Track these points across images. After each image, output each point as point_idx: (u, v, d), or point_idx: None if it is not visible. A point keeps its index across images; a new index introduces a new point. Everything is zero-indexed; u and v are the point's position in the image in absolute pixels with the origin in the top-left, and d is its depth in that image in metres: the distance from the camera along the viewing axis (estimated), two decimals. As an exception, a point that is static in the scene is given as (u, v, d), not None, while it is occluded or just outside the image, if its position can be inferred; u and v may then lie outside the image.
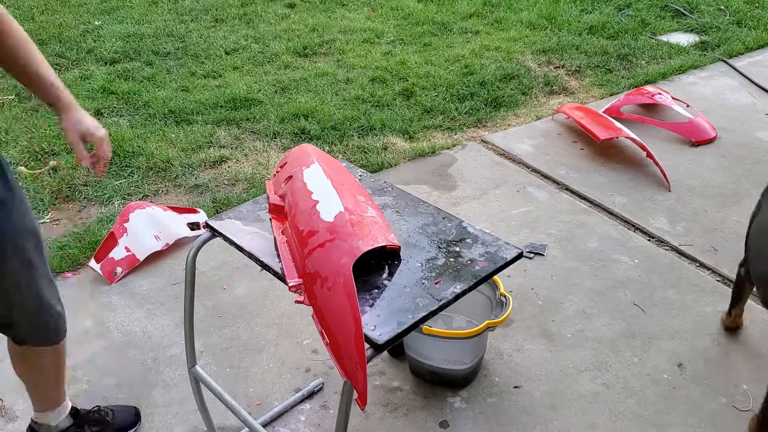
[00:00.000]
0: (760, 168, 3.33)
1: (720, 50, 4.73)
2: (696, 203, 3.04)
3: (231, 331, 2.31)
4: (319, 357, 2.20)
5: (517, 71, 4.26)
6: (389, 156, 3.35)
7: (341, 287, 1.23)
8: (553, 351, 2.23)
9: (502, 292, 2.05)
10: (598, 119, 3.52)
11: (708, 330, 2.32)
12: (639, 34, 4.93)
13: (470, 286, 1.34)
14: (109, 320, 2.34)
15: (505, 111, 3.87)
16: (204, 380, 1.77)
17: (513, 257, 1.42)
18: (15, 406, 2.02)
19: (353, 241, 1.30)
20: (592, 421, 1.98)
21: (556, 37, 4.83)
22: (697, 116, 3.68)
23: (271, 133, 3.53)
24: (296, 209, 1.42)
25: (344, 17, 5.20)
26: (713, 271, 2.61)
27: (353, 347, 1.17)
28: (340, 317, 1.21)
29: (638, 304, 2.44)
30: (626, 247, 2.74)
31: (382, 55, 4.51)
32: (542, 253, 2.69)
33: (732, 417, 2.00)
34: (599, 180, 3.21)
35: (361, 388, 1.17)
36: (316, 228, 1.35)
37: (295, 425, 1.97)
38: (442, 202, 3.02)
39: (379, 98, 3.89)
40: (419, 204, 1.60)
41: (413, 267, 1.38)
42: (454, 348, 2.01)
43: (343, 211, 1.37)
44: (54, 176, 3.09)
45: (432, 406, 2.03)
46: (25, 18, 4.91)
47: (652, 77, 4.27)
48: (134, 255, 2.56)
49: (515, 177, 3.24)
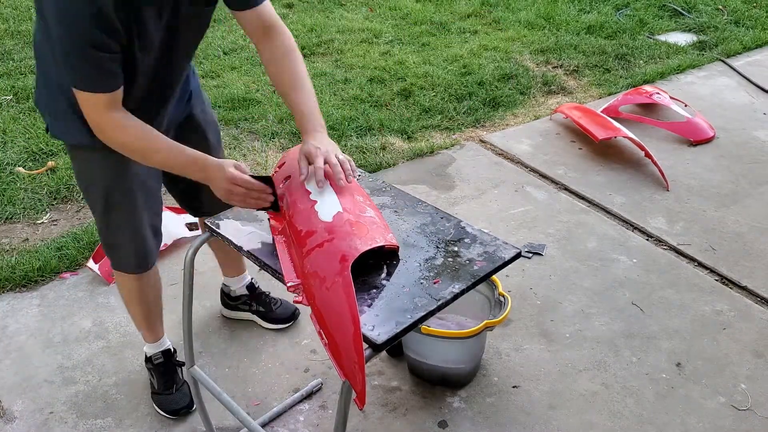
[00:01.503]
0: (759, 167, 3.34)
1: (718, 50, 4.74)
2: (694, 203, 3.04)
3: (229, 331, 2.31)
4: (317, 357, 2.19)
5: (516, 71, 4.26)
6: (387, 156, 3.35)
7: (340, 287, 1.23)
8: (551, 351, 2.23)
9: (501, 292, 2.05)
10: (596, 119, 3.52)
11: (706, 329, 2.33)
12: (637, 34, 4.94)
13: (469, 286, 1.34)
14: (107, 321, 2.34)
15: (504, 111, 3.87)
16: (203, 380, 1.77)
17: (511, 257, 1.42)
18: (14, 406, 2.02)
19: (352, 240, 1.30)
20: (591, 421, 1.98)
21: (555, 36, 4.83)
22: (696, 116, 3.68)
23: (270, 133, 3.53)
24: (294, 209, 1.42)
25: (342, 17, 5.20)
26: (712, 271, 2.61)
27: (352, 347, 1.17)
28: (339, 317, 1.20)
29: (637, 303, 2.44)
30: (625, 247, 2.74)
31: (381, 55, 4.51)
32: (541, 252, 2.69)
33: (731, 416, 2.00)
34: (598, 180, 3.21)
35: (360, 389, 1.17)
36: (315, 228, 1.34)
37: (293, 425, 1.97)
38: (441, 201, 3.02)
39: (377, 98, 3.89)
40: (417, 204, 1.60)
41: (412, 267, 1.38)
42: (453, 348, 2.01)
43: (342, 211, 1.37)
44: (52, 177, 3.09)
45: (431, 406, 2.03)
46: (23, 18, 4.90)
47: (651, 77, 4.27)
48: (133, 255, 2.56)
49: (514, 177, 3.24)
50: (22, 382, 2.10)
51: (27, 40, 4.53)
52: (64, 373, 2.14)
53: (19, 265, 2.53)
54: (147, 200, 1.78)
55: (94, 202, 1.74)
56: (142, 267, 1.87)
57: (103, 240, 1.83)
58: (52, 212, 2.92)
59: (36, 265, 2.53)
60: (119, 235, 1.79)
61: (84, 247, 2.64)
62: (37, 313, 2.36)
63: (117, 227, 1.77)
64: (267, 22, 1.59)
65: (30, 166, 3.19)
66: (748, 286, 2.52)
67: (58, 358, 2.19)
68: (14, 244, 2.70)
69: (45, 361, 2.18)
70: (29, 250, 2.64)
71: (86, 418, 1.99)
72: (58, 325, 2.32)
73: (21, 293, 2.46)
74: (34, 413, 2.00)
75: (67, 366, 2.17)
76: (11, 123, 3.51)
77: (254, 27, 1.59)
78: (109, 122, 1.43)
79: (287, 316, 2.30)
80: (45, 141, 3.33)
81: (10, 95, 3.81)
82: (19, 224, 2.83)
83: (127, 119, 1.45)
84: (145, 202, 1.77)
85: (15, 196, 2.96)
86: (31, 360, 2.18)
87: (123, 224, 1.76)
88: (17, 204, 2.92)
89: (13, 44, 4.48)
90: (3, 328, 2.31)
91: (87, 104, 1.41)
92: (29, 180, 3.08)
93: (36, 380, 2.11)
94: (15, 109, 3.66)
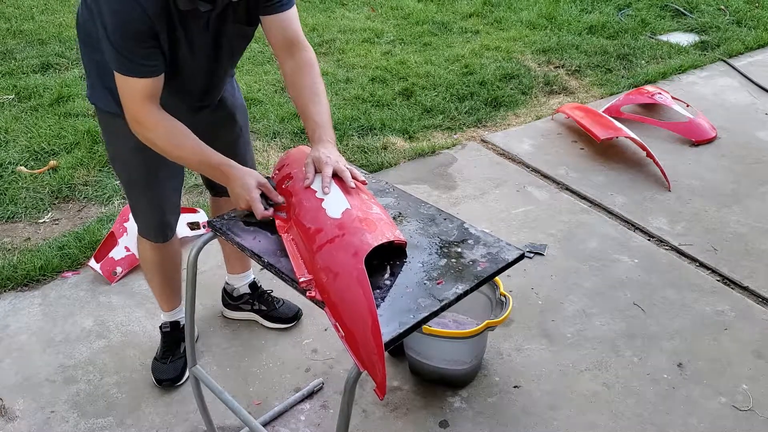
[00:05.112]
0: (760, 168, 3.33)
1: (720, 50, 4.73)
2: (696, 203, 3.04)
3: (231, 330, 2.31)
4: (318, 357, 2.20)
5: (517, 71, 4.26)
6: (389, 156, 3.35)
7: (355, 281, 1.25)
8: (552, 351, 2.23)
9: (502, 292, 2.05)
10: (598, 119, 3.52)
11: (708, 330, 2.33)
12: (639, 34, 4.93)
13: (472, 287, 1.34)
14: (109, 320, 2.34)
15: (505, 111, 3.87)
16: (204, 379, 1.77)
17: (514, 258, 1.42)
18: (15, 405, 2.02)
19: (363, 236, 1.33)
20: (592, 421, 1.99)
21: (556, 36, 4.83)
22: (697, 116, 3.68)
23: (271, 133, 3.53)
24: (300, 208, 1.44)
25: (344, 17, 5.20)
26: (713, 271, 2.61)
27: (370, 338, 1.19)
28: (356, 310, 1.22)
29: (638, 303, 2.44)
30: (626, 247, 2.74)
31: (382, 54, 4.51)
32: (542, 252, 2.69)
33: (732, 416, 2.00)
34: (599, 180, 3.21)
35: (380, 379, 1.18)
36: (323, 225, 1.37)
37: (295, 425, 1.97)
38: (442, 201, 3.02)
39: (378, 98, 3.89)
40: (421, 205, 1.60)
41: (415, 267, 1.38)
42: (454, 348, 2.01)
43: (350, 207, 1.39)
44: (54, 176, 3.09)
45: (432, 406, 2.03)
46: (25, 18, 4.91)
47: (652, 77, 4.27)
48: (134, 255, 2.56)
49: (515, 177, 3.24)
50: (24, 381, 2.11)
51: (29, 40, 4.54)
52: (66, 373, 2.14)
53: (21, 264, 2.54)
54: (169, 175, 1.89)
55: (120, 171, 1.89)
56: (160, 237, 1.98)
57: (130, 205, 1.96)
58: (53, 211, 2.92)
59: (37, 264, 2.53)
60: (140, 204, 1.92)
61: (86, 247, 2.64)
62: (38, 313, 2.37)
63: (138, 197, 1.91)
64: (292, 36, 1.68)
65: (32, 165, 3.19)
66: (750, 287, 2.52)
67: (59, 358, 2.19)
68: (16, 244, 2.70)
69: (46, 361, 2.18)
70: (31, 250, 2.64)
71: (87, 417, 1.99)
72: (60, 325, 2.32)
73: (22, 292, 2.46)
74: (36, 412, 2.00)
75: (69, 365, 2.17)
76: (13, 122, 3.51)
77: (279, 40, 1.68)
78: (143, 113, 1.53)
79: (290, 316, 2.30)
80: (47, 140, 3.34)
81: (12, 94, 3.82)
82: (20, 223, 2.84)
83: (162, 117, 1.54)
84: (167, 177, 1.88)
85: (17, 196, 2.96)
86: (33, 359, 2.19)
87: (143, 195, 1.89)
88: (19, 203, 2.92)
89: (15, 43, 4.48)
90: (4, 327, 2.31)
91: (125, 91, 1.52)
92: (31, 179, 3.08)
93: (37, 379, 2.11)
94: (17, 109, 3.66)
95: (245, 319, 2.33)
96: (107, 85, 1.67)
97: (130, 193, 1.92)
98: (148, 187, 1.87)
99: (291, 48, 1.68)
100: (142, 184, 1.87)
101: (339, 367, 2.15)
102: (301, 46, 1.69)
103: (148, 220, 1.95)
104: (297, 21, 1.69)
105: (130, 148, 1.74)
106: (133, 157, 1.79)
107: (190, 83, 1.69)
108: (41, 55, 4.29)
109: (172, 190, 1.95)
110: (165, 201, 1.93)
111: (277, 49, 1.70)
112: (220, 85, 1.83)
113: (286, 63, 1.69)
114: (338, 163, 1.52)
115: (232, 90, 1.95)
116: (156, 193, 1.89)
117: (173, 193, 1.96)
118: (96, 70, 1.70)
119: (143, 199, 1.91)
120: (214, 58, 1.67)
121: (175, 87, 1.62)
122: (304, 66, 1.67)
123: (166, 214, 1.96)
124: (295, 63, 1.67)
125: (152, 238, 1.98)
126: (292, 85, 1.68)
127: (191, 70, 1.65)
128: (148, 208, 1.92)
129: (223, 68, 1.76)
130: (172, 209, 1.98)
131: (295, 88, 1.67)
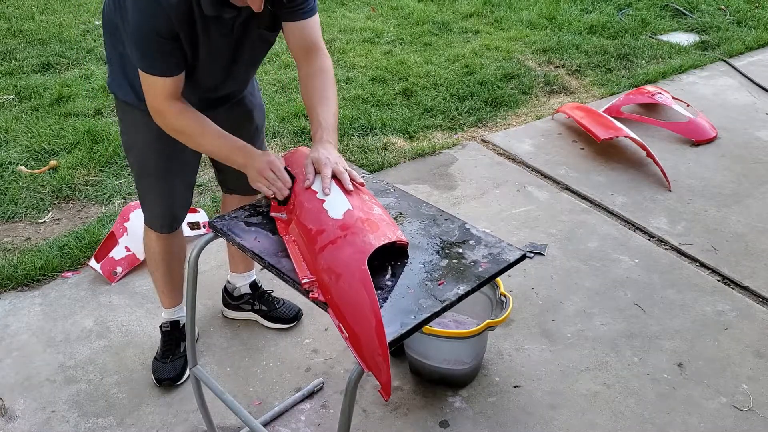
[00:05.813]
0: (761, 167, 3.34)
1: (720, 50, 4.73)
2: (696, 203, 3.04)
3: (231, 330, 2.31)
4: (319, 356, 2.20)
5: (518, 71, 4.26)
6: (389, 155, 3.35)
7: (358, 281, 1.25)
8: (553, 351, 2.23)
9: (503, 292, 2.05)
10: (598, 119, 3.52)
11: (708, 329, 2.33)
12: (639, 34, 4.93)
13: (473, 288, 1.34)
14: (109, 320, 2.35)
15: (506, 111, 3.87)
16: (204, 379, 1.77)
17: (516, 259, 1.42)
18: (16, 405, 2.02)
19: (365, 236, 1.33)
20: (592, 421, 1.99)
21: (557, 36, 4.83)
22: (698, 116, 3.68)
23: (271, 133, 3.53)
24: (301, 209, 1.44)
25: (344, 17, 5.20)
26: (713, 271, 2.61)
27: (374, 339, 1.18)
28: (359, 310, 1.22)
29: (638, 303, 2.44)
30: (626, 247, 2.74)
31: (382, 54, 4.51)
32: (542, 252, 2.69)
33: (732, 416, 2.00)
34: (599, 180, 3.21)
35: (385, 380, 1.18)
36: (325, 226, 1.37)
37: (295, 425, 1.97)
38: (443, 201, 3.02)
39: (379, 98, 3.89)
40: (422, 205, 1.60)
41: (416, 268, 1.38)
42: (454, 348, 2.01)
43: (352, 208, 1.39)
44: (54, 176, 3.09)
45: (432, 406, 2.03)
46: (25, 18, 4.91)
47: (653, 77, 4.27)
48: (134, 254, 2.56)
49: (515, 177, 3.24)
50: (24, 381, 2.11)
51: (29, 40, 4.54)
52: (66, 372, 2.14)
53: (21, 264, 2.54)
54: (182, 169, 1.93)
55: (133, 161, 1.92)
56: (165, 228, 2.01)
57: (138, 194, 1.99)
58: (54, 211, 2.92)
59: (38, 264, 2.53)
60: (149, 194, 1.95)
61: (86, 247, 2.64)
62: (38, 312, 2.37)
63: (148, 187, 1.94)
64: (311, 42, 1.71)
65: (32, 165, 3.19)
66: (750, 287, 2.52)
67: (59, 357, 2.19)
68: (16, 243, 2.70)
69: (46, 360, 2.18)
70: (31, 249, 2.64)
71: (88, 417, 1.99)
72: (60, 324, 2.32)
73: (23, 292, 2.46)
74: (36, 412, 2.00)
75: (69, 365, 2.17)
76: (13, 122, 3.51)
77: (299, 46, 1.71)
78: (166, 109, 1.60)
79: (291, 317, 2.31)
80: (47, 140, 3.34)
81: (13, 94, 3.81)
82: (21, 223, 2.84)
83: (184, 107, 1.61)
84: (180, 170, 1.92)
85: (17, 196, 2.96)
86: (33, 359, 2.19)
87: (153, 186, 1.92)
88: (19, 203, 2.92)
89: (16, 43, 4.48)
90: (5, 327, 2.31)
91: (148, 87, 1.58)
92: (31, 179, 3.08)
93: (38, 379, 2.11)
94: (17, 108, 3.66)
95: (245, 319, 2.33)
96: (128, 76, 1.73)
97: (141, 183, 1.95)
98: (160, 178, 1.91)
99: (309, 54, 1.71)
100: (154, 174, 1.90)
101: (339, 367, 2.16)
102: (320, 53, 1.72)
103: (155, 210, 1.97)
104: (318, 28, 1.72)
105: (146, 138, 1.80)
106: (148, 148, 1.84)
107: (205, 80, 1.72)
108: (41, 55, 4.29)
109: (183, 185, 1.98)
110: (174, 193, 1.96)
111: (295, 54, 1.73)
112: (238, 84, 1.87)
113: (302, 67, 1.73)
114: (337, 165, 1.52)
115: (252, 89, 1.99)
116: (166, 184, 1.92)
117: (185, 188, 1.99)
118: (119, 62, 1.75)
119: (153, 189, 1.94)
120: (233, 60, 1.71)
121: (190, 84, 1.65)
122: (319, 71, 1.70)
123: (174, 207, 1.98)
124: (311, 68, 1.71)
125: (157, 228, 2.00)
126: (305, 88, 1.71)
127: (207, 71, 1.68)
128: (157, 198, 1.95)
129: (241, 69, 1.79)
130: (182, 203, 2.01)
131: (307, 90, 1.70)
